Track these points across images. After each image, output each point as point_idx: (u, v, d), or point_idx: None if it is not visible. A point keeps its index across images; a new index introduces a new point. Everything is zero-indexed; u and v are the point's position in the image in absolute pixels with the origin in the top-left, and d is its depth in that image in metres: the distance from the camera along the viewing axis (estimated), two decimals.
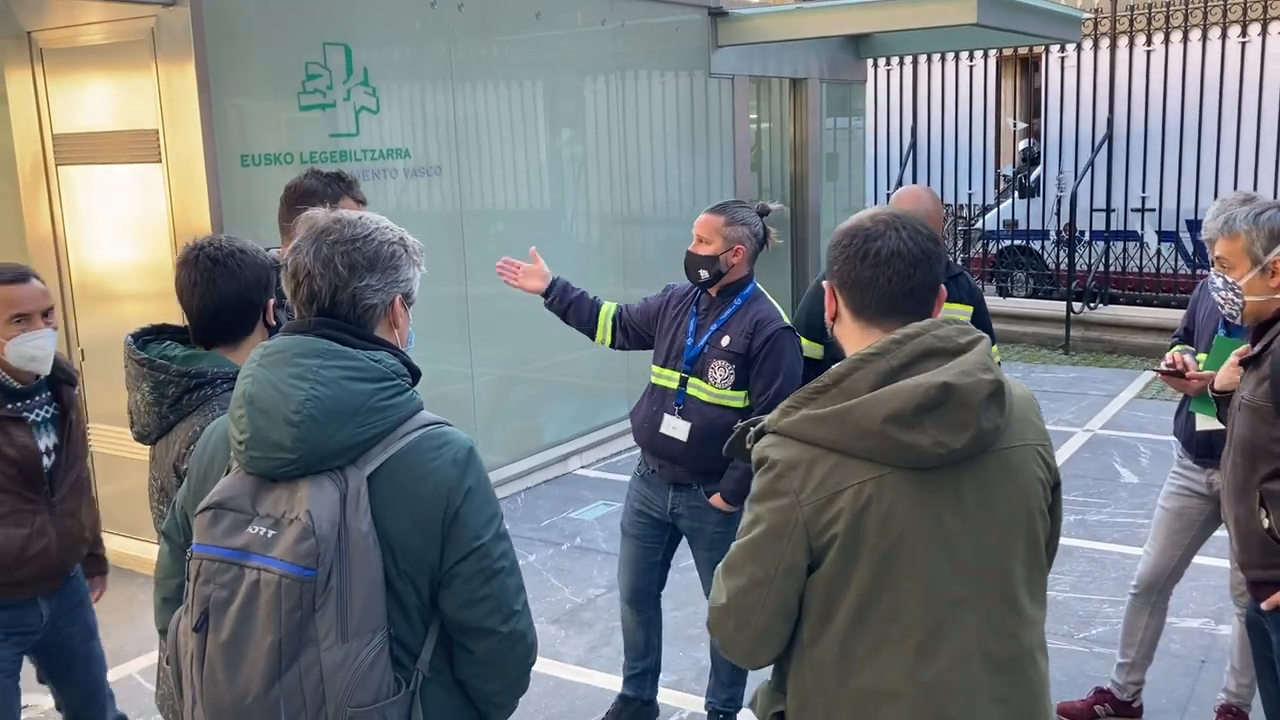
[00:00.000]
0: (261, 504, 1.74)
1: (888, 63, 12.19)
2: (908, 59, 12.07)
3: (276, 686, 1.69)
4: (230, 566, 1.72)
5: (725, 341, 3.62)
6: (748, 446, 1.90)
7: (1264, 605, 2.76)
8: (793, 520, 1.78)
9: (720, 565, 1.92)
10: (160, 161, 5.17)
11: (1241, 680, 3.82)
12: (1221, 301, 2.89)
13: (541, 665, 4.61)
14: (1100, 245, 11.28)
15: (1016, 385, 1.91)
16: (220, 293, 2.45)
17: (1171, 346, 3.86)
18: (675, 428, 3.65)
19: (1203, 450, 3.61)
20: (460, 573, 1.81)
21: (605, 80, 7.56)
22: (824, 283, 1.95)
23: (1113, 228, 11.22)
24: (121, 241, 5.46)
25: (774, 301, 3.75)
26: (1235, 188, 10.29)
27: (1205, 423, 3.59)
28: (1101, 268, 11.27)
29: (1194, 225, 10.90)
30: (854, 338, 1.90)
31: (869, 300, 1.86)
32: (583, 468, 7.33)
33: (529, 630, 1.91)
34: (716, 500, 3.68)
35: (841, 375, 1.79)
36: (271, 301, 2.54)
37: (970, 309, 3.92)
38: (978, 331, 1.84)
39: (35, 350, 3.07)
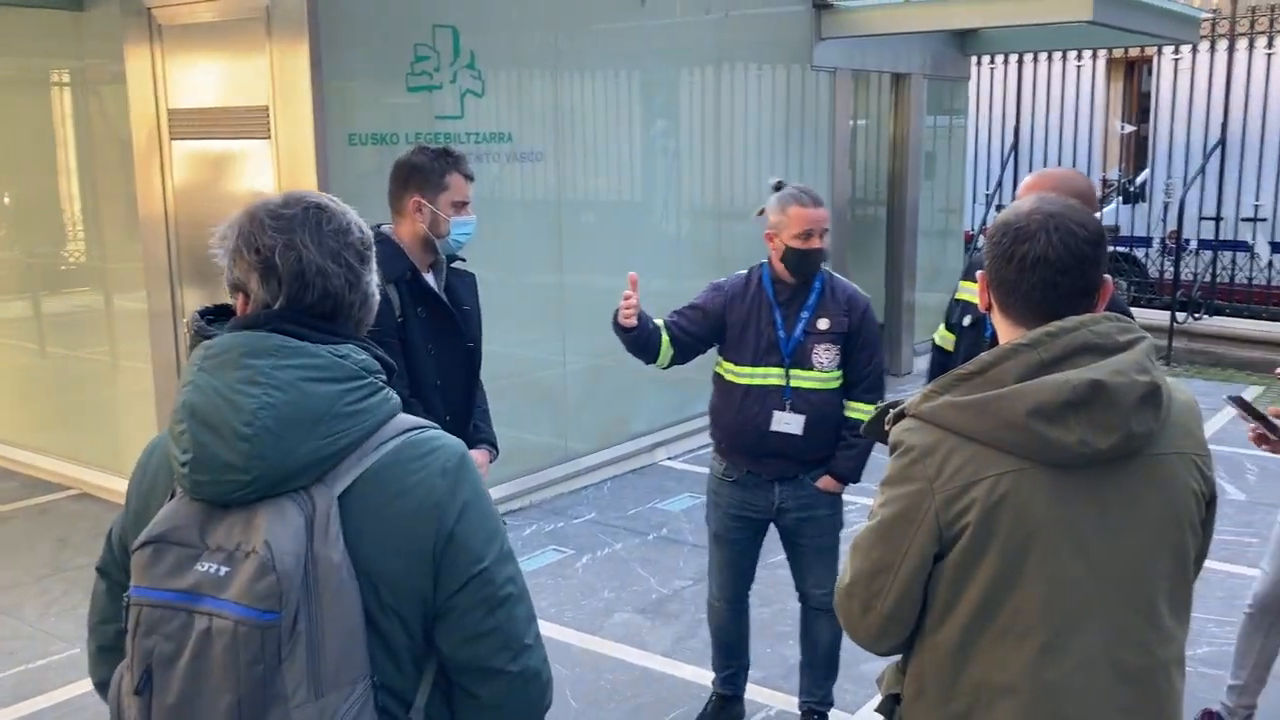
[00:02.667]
0: (212, 535, 1.47)
1: (991, 60, 11.95)
2: (1012, 57, 11.82)
3: None
4: (176, 613, 1.45)
5: (825, 324, 3.59)
6: (886, 428, 1.85)
7: None
8: (924, 507, 1.73)
9: (849, 545, 1.88)
10: (270, 138, 5.25)
11: None
12: None
13: (628, 654, 4.62)
14: (1207, 255, 10.94)
15: (1180, 391, 1.83)
16: None
17: None
18: (789, 423, 3.57)
19: None
20: (459, 604, 1.55)
21: (706, 71, 7.50)
22: (978, 272, 1.88)
23: (1221, 237, 10.85)
24: (230, 216, 5.55)
25: None
26: None
27: None
28: (1208, 278, 10.92)
29: None
30: (1004, 331, 1.84)
31: (1012, 302, 1.80)
32: (669, 459, 7.31)
33: (543, 667, 1.63)
34: (828, 482, 3.65)
35: (989, 364, 1.73)
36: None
37: None
38: (1140, 330, 1.77)
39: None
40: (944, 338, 3.81)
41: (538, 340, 6.52)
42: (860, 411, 3.63)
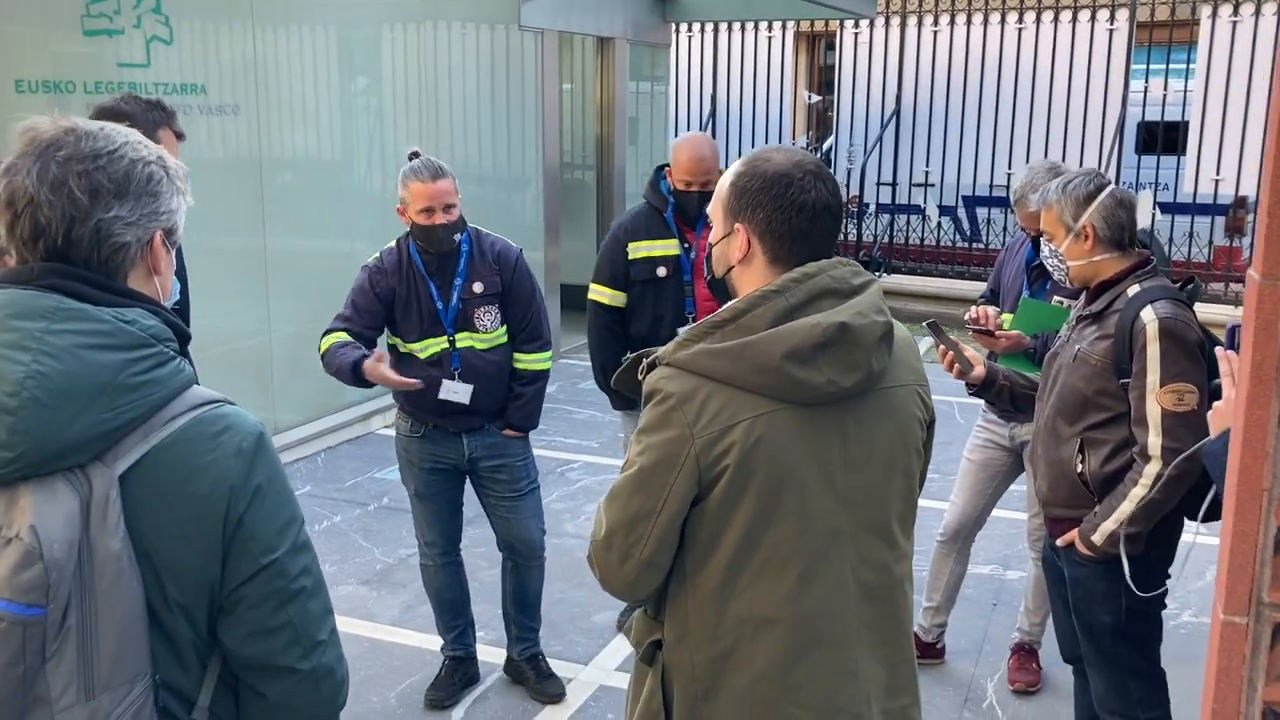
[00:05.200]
0: None
1: (690, 29, 12.32)
2: (709, 27, 12.23)
3: None
4: None
5: (479, 288, 3.63)
6: (640, 378, 1.87)
7: (1059, 541, 2.95)
8: (685, 452, 1.76)
9: (603, 498, 1.89)
10: None
11: (1034, 620, 4.08)
12: (1051, 269, 3.04)
13: (355, 627, 4.48)
14: (885, 217, 11.82)
15: (899, 328, 1.95)
16: None
17: (977, 305, 4.04)
18: (456, 391, 3.61)
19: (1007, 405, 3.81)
20: (246, 596, 1.43)
21: (411, 27, 7.30)
22: (735, 225, 1.88)
23: (897, 201, 11.75)
24: None
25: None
26: (1010, 168, 10.98)
27: None
28: (886, 239, 11.80)
29: (970, 200, 11.56)
30: (759, 280, 1.87)
31: (796, 250, 1.84)
32: (385, 427, 7.11)
33: (338, 664, 1.54)
34: (509, 435, 3.76)
35: (741, 311, 1.78)
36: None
37: None
38: (869, 274, 1.88)
39: None
40: (615, 296, 4.03)
41: (240, 308, 6.16)
42: (525, 362, 3.75)
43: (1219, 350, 2.23)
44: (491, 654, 4.20)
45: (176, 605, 1.40)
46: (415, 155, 3.63)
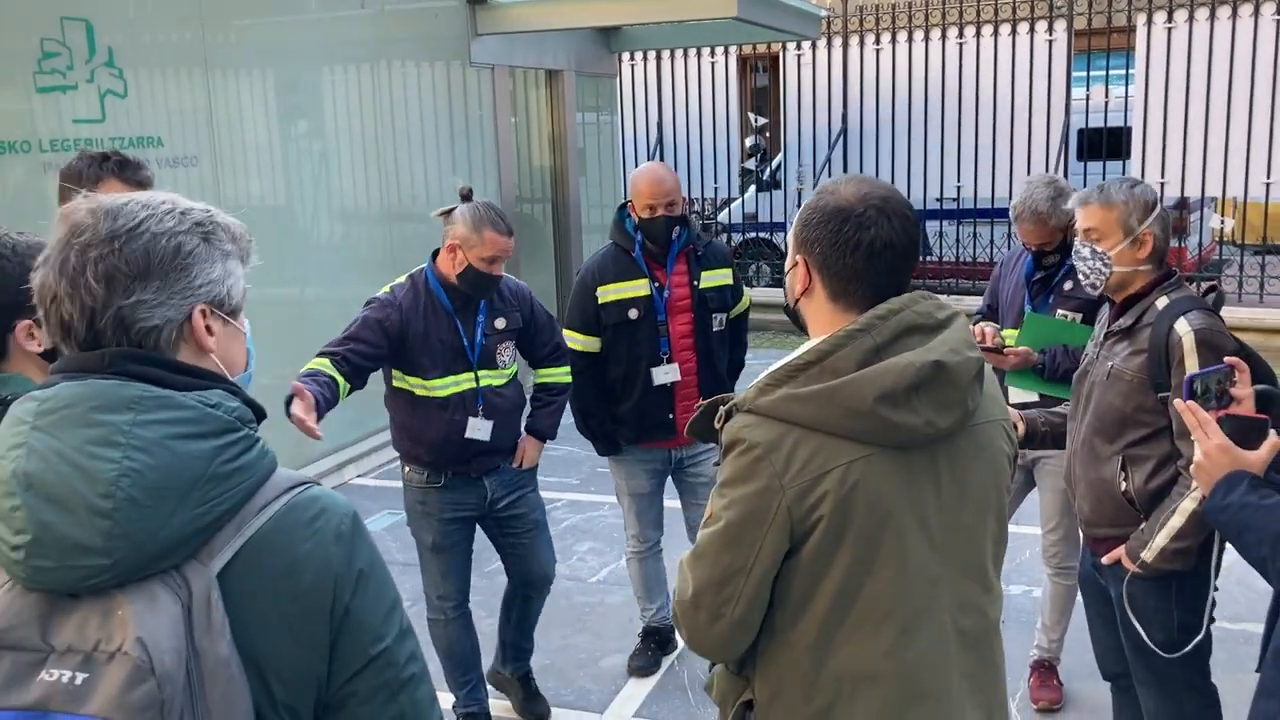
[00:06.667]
0: (58, 632, 1.18)
1: (632, 58, 12.32)
2: (652, 55, 12.24)
3: None
4: None
5: (502, 324, 3.65)
6: (716, 426, 1.77)
7: (1104, 559, 2.90)
8: (775, 505, 1.67)
9: (687, 555, 1.80)
10: None
11: (1053, 636, 4.05)
12: (1087, 271, 2.89)
13: None
14: None
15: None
16: None
17: (974, 324, 4.02)
18: (479, 429, 3.60)
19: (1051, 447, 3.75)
20: (357, 691, 1.33)
21: (366, 68, 7.19)
22: (796, 256, 1.83)
23: None
24: None
25: None
26: (958, 180, 11.08)
27: (1019, 395, 3.76)
28: None
29: (920, 214, 11.61)
30: (825, 317, 1.80)
31: (854, 289, 1.76)
32: (360, 476, 6.94)
33: None
34: (528, 440, 3.77)
35: (825, 352, 1.69)
36: (28, 321, 1.91)
37: (730, 270, 4.19)
38: (953, 307, 1.81)
39: None
40: (588, 341, 4.00)
41: None
42: (555, 375, 3.87)
43: (1178, 403, 2.20)
44: (503, 709, 4.06)
45: (284, 707, 1.29)
46: (468, 194, 3.57)
